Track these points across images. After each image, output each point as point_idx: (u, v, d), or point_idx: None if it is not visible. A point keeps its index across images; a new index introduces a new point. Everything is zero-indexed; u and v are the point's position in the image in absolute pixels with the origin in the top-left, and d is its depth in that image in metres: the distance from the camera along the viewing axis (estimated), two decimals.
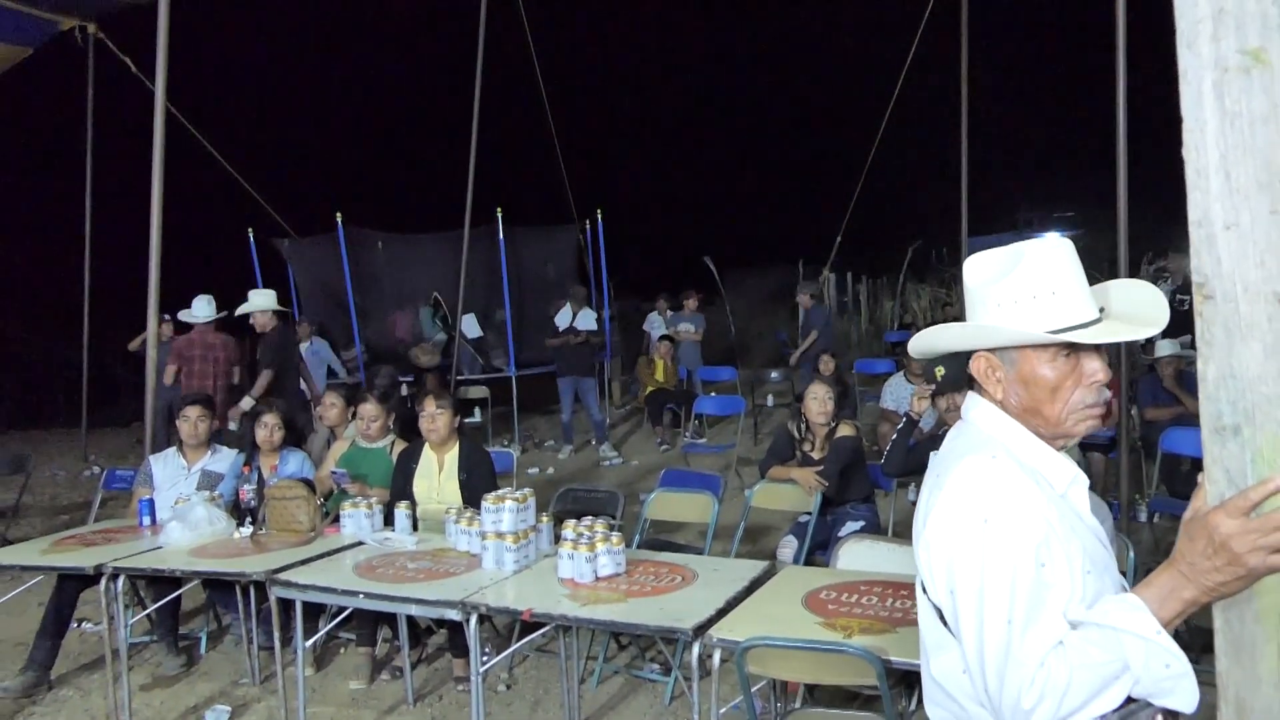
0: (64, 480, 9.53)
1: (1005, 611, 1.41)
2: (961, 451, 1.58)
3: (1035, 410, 1.56)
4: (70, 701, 4.37)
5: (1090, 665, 1.36)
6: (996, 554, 1.43)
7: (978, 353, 1.61)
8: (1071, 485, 1.57)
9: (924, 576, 1.58)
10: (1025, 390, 1.56)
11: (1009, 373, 1.57)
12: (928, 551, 1.54)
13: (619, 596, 3.18)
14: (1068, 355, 1.54)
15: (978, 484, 1.49)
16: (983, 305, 1.59)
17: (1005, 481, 1.48)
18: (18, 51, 10.02)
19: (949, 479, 1.54)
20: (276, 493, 4.35)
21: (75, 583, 4.41)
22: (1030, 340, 1.54)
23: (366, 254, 11.56)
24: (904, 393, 7.77)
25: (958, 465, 1.54)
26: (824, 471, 4.68)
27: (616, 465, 9.19)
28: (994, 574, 1.42)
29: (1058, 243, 1.58)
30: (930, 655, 1.62)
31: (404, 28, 17.31)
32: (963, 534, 1.47)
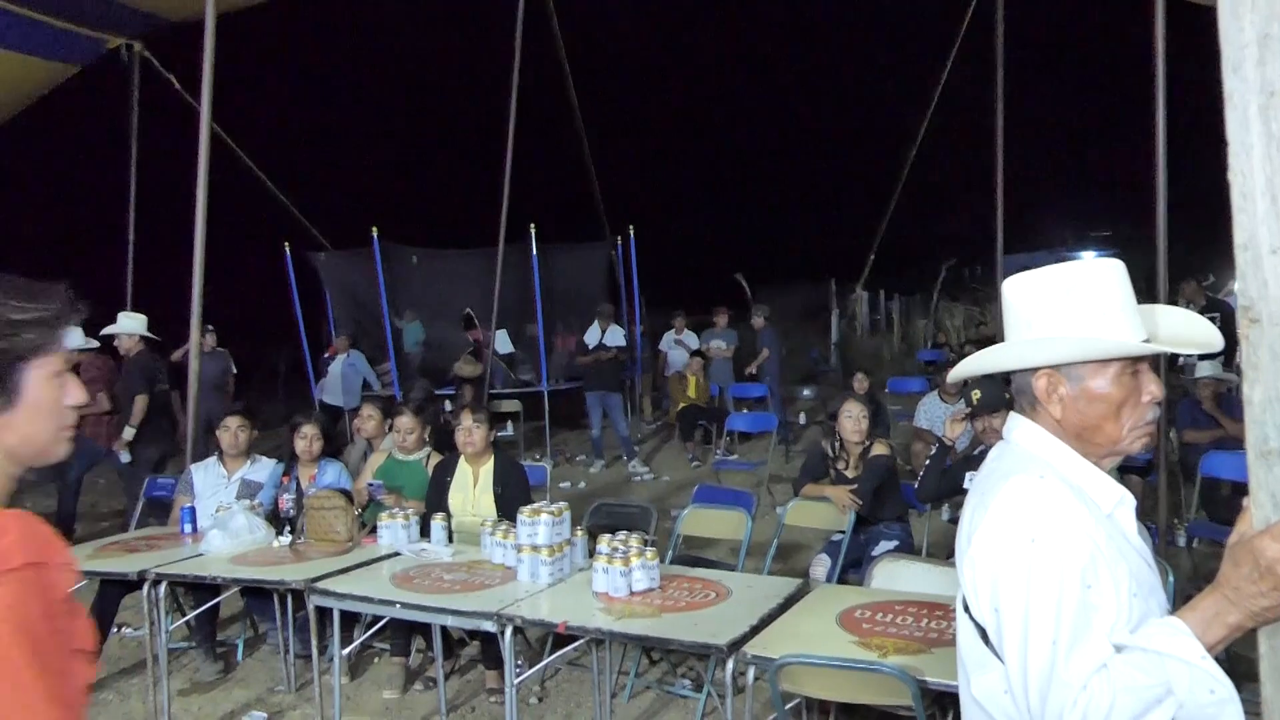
0: (104, 488, 9.68)
1: (1050, 632, 1.40)
2: (1006, 471, 1.57)
3: (1097, 428, 1.55)
4: (110, 705, 4.44)
5: (1133, 689, 1.36)
6: (1043, 574, 1.43)
7: (1040, 370, 1.58)
8: (1118, 506, 1.56)
9: (968, 594, 1.57)
10: (1089, 407, 1.55)
11: (1072, 389, 1.56)
12: (973, 569, 1.54)
13: (653, 611, 3.19)
14: (1132, 373, 1.54)
15: (1025, 503, 1.49)
16: (1040, 323, 1.57)
17: (1053, 501, 1.48)
18: (66, 69, 10.26)
19: (995, 498, 1.53)
20: (315, 503, 4.41)
21: (118, 588, 4.48)
22: (1123, 352, 1.53)
23: (401, 268, 11.69)
24: (937, 412, 7.73)
25: (1004, 485, 1.53)
26: (858, 490, 4.67)
27: (647, 481, 9.20)
28: (1040, 594, 1.42)
29: (1113, 264, 1.58)
30: (971, 675, 1.61)
31: (440, 45, 17.52)
32: (1009, 553, 1.47)
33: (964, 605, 1.60)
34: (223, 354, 10.21)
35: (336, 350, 10.73)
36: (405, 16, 18.07)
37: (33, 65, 9.77)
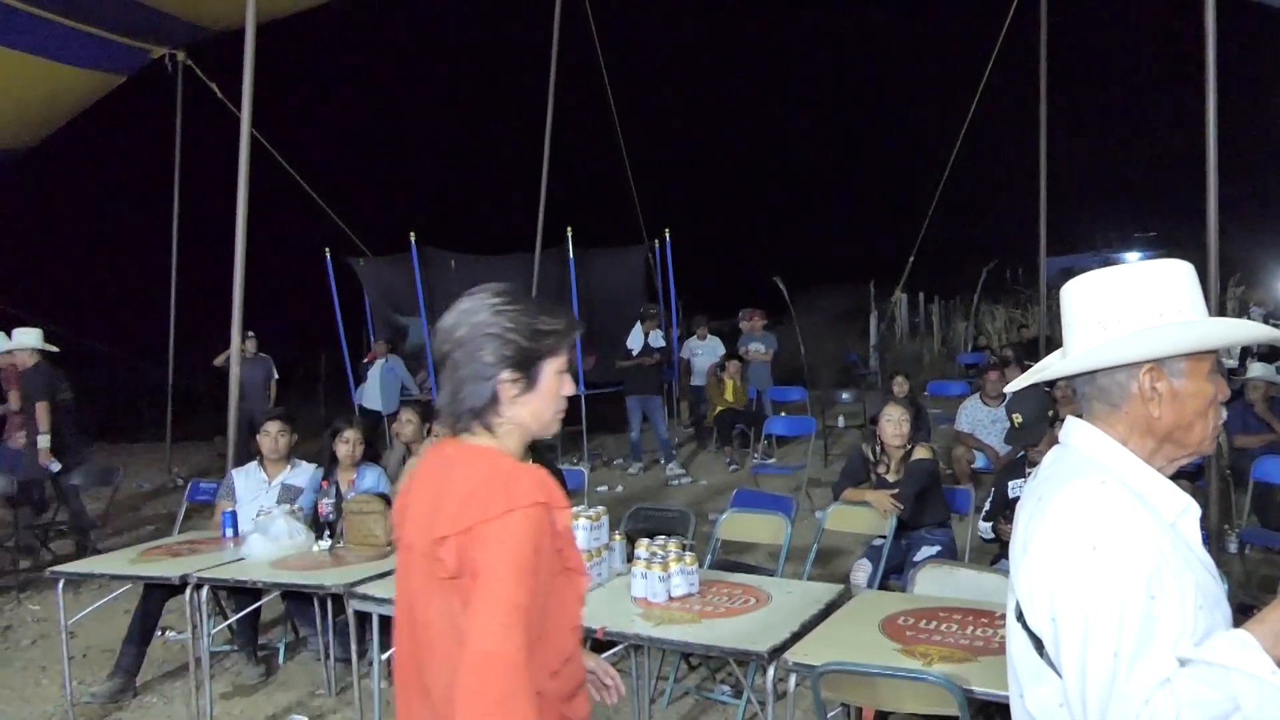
0: (149, 492, 9.83)
1: (1111, 644, 1.35)
2: (1065, 476, 1.51)
3: (1190, 426, 1.49)
4: (154, 708, 4.49)
5: (1199, 704, 1.30)
6: (1104, 583, 1.37)
7: (1143, 365, 1.49)
8: (1182, 514, 1.49)
9: (1023, 603, 1.51)
10: (1184, 406, 1.48)
11: (1173, 385, 1.49)
12: (1029, 578, 1.47)
13: (693, 617, 3.16)
14: (1215, 371, 1.51)
15: (1085, 509, 1.43)
16: (1119, 321, 1.50)
17: (1115, 508, 1.42)
18: (112, 79, 10.47)
19: (1052, 504, 1.47)
20: (354, 507, 4.42)
21: (161, 592, 4.53)
22: (1229, 340, 1.52)
23: (439, 274, 11.76)
24: (980, 415, 7.63)
25: (1063, 490, 1.48)
26: (899, 494, 4.60)
27: (685, 484, 9.16)
28: (1101, 604, 1.36)
29: (1183, 265, 1.54)
30: (1025, 687, 1.55)
31: (477, 51, 17.66)
32: (1069, 561, 1.41)
33: (1018, 615, 1.54)
34: (265, 359, 10.34)
35: (375, 355, 10.81)
36: (443, 23, 18.24)
37: (82, 76, 9.99)
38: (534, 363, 1.69)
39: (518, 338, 1.67)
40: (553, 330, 1.72)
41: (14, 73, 9.13)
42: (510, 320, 1.68)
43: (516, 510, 1.55)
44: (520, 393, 1.68)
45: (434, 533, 1.60)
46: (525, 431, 1.73)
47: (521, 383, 1.68)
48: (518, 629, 1.51)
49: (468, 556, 1.55)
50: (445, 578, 1.58)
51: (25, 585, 6.43)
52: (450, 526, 1.58)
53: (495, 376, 1.66)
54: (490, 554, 1.53)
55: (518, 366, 1.67)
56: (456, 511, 1.59)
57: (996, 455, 7.19)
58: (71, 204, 15.24)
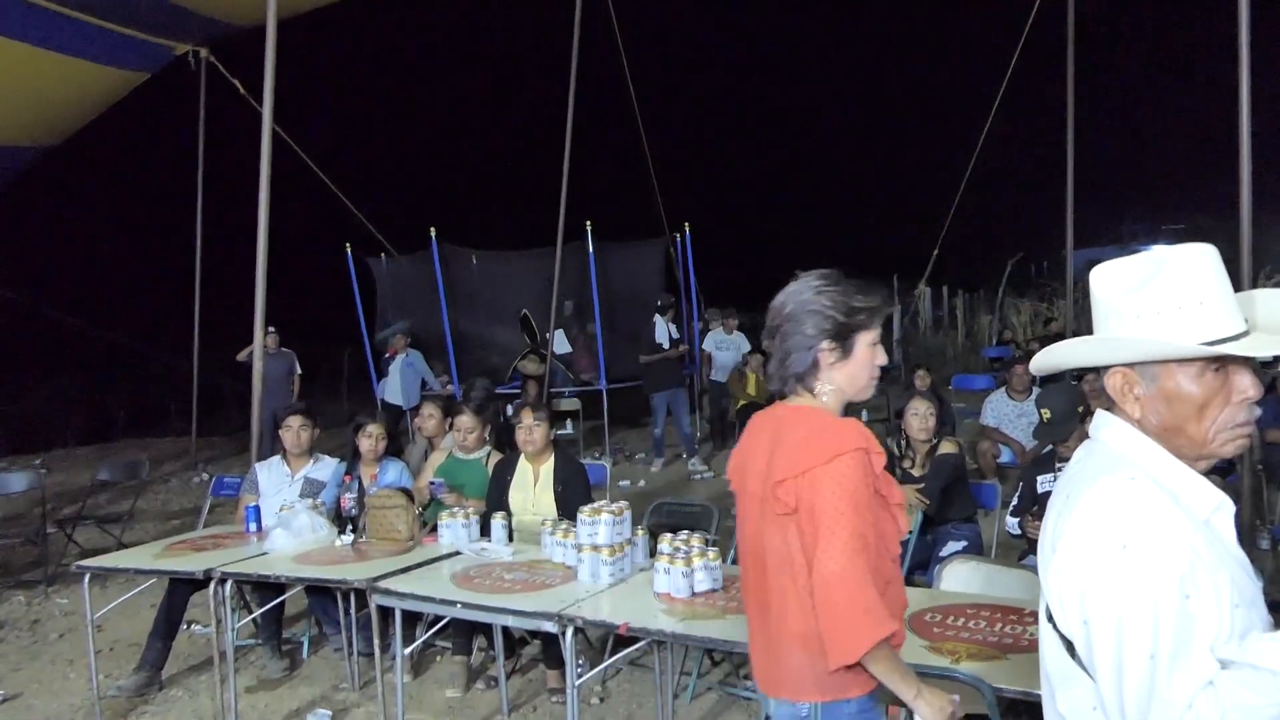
0: (175, 487, 9.91)
1: (1147, 646, 1.30)
2: (1094, 473, 1.46)
3: (1178, 429, 1.44)
4: (180, 702, 4.51)
5: (1244, 708, 1.26)
6: (1137, 583, 1.32)
7: (1113, 368, 1.48)
8: (1216, 511, 1.43)
9: (1052, 605, 1.47)
10: (1168, 408, 1.43)
11: (1149, 389, 1.45)
12: (1059, 578, 1.43)
13: (717, 613, 3.13)
14: (1216, 370, 1.42)
15: (1115, 507, 1.38)
16: (1119, 316, 1.47)
17: (1146, 505, 1.36)
18: (136, 76, 10.54)
19: (1081, 501, 1.42)
20: (376, 502, 4.42)
21: (186, 586, 4.55)
22: (1180, 354, 1.41)
23: (460, 270, 11.78)
24: (1005, 409, 7.54)
25: (1091, 488, 1.43)
26: (925, 489, 4.55)
27: (708, 479, 9.12)
28: (1134, 605, 1.31)
29: (1202, 249, 1.46)
30: (1056, 689, 1.51)
31: (499, 46, 17.65)
32: (1099, 561, 1.36)
33: (1048, 616, 1.49)
34: (288, 354, 10.38)
35: (395, 351, 10.84)
36: (464, 19, 18.22)
37: (106, 73, 10.06)
38: (849, 334, 2.03)
39: (835, 313, 2.01)
40: (866, 307, 2.05)
41: (39, 70, 9.20)
42: (829, 298, 2.02)
43: (845, 454, 1.90)
44: (837, 360, 2.03)
45: (772, 478, 1.97)
46: (841, 394, 2.07)
47: (838, 351, 2.02)
48: (858, 551, 1.86)
49: (804, 496, 1.92)
50: (783, 514, 1.96)
51: (53, 579, 6.49)
52: (788, 471, 1.94)
53: (816, 346, 2.01)
54: (826, 493, 1.89)
55: (835, 337, 2.01)
56: (793, 459, 1.94)
57: (1023, 450, 7.10)
58: (98, 201, 15.38)
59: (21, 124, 10.24)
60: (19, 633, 5.64)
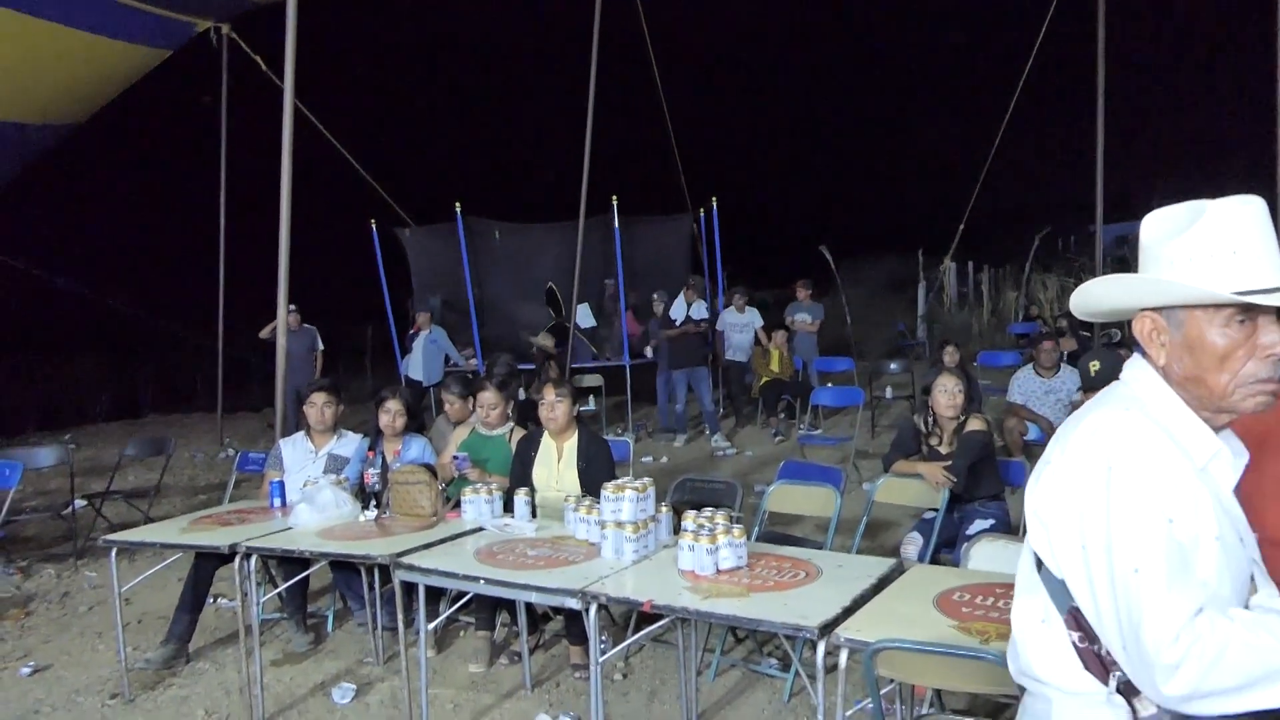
0: (201, 462, 10.00)
1: (1132, 559, 1.33)
2: (1094, 407, 1.51)
3: (1199, 379, 1.44)
4: (206, 674, 4.55)
5: (1256, 648, 1.26)
6: (1121, 501, 1.36)
7: (1143, 312, 1.49)
8: (1213, 459, 1.44)
9: (1028, 520, 1.54)
10: (1190, 356, 1.44)
11: (1174, 336, 1.46)
12: (1037, 498, 1.50)
13: (741, 591, 3.10)
14: (1243, 321, 1.41)
15: (1104, 433, 1.42)
16: (1156, 263, 1.48)
17: (1133, 431, 1.40)
18: (159, 54, 10.55)
19: (1077, 430, 1.47)
20: (400, 477, 4.42)
21: (211, 561, 4.58)
22: (1198, 299, 1.41)
23: (484, 243, 11.74)
24: (1032, 386, 7.45)
25: (1087, 419, 1.48)
26: (952, 467, 4.49)
27: (730, 456, 9.09)
28: (1119, 521, 1.35)
29: (1246, 200, 1.44)
30: (1016, 596, 1.59)
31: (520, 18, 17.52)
32: (1087, 484, 1.40)
33: (1023, 530, 1.60)
34: (309, 331, 10.42)
35: (419, 327, 10.85)
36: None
37: (129, 51, 10.08)
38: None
39: None
40: None
41: (62, 48, 9.23)
42: None
43: None
44: None
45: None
46: None
47: None
48: None
49: None
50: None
51: (82, 553, 6.56)
52: None
53: None
54: None
55: None
56: None
57: (1050, 426, 7.01)
58: (123, 179, 15.45)
59: (46, 102, 10.29)
60: (49, 605, 5.71)
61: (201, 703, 4.24)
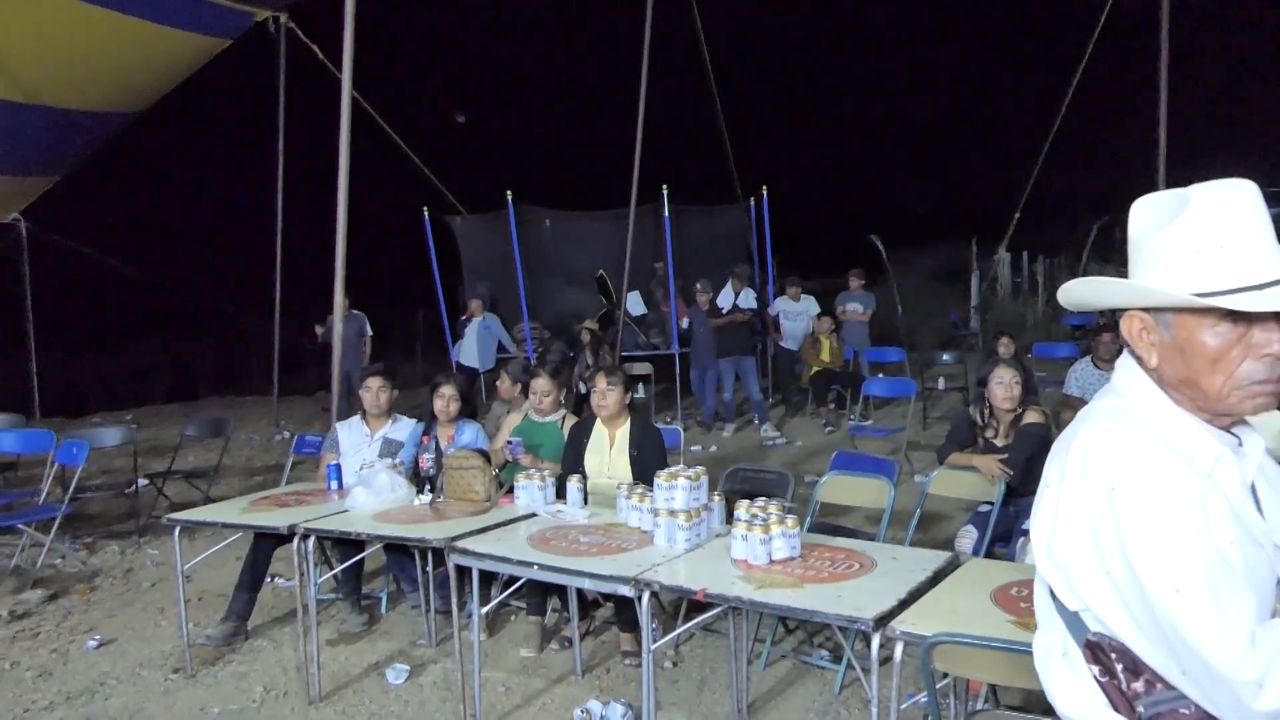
0: (257, 443, 10.19)
1: (1168, 580, 1.25)
2: (1086, 420, 1.44)
3: (1192, 382, 1.35)
4: (264, 652, 4.65)
5: None
6: (1133, 522, 1.28)
7: (1130, 312, 1.41)
8: (1217, 464, 1.35)
9: (1035, 549, 1.47)
10: (1182, 358, 1.35)
11: (1164, 336, 1.37)
12: (1039, 523, 1.46)
13: (794, 581, 3.09)
14: (1235, 321, 1.31)
15: (1098, 452, 1.35)
16: (1141, 257, 1.40)
17: (1128, 446, 1.33)
18: (218, 43, 10.72)
19: (1070, 449, 1.40)
20: (454, 462, 4.47)
21: (270, 541, 4.67)
22: (1175, 302, 1.32)
23: (534, 231, 11.79)
24: (1091, 379, 7.30)
25: (1078, 436, 1.40)
26: (1009, 460, 4.43)
27: (780, 446, 9.05)
28: (1139, 543, 1.27)
29: (1235, 186, 1.34)
30: (1038, 630, 1.53)
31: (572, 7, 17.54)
32: (1093, 510, 1.33)
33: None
34: (358, 316, 10.54)
35: (472, 313, 10.93)
36: None
37: (189, 40, 10.25)
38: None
39: None
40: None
41: (123, 37, 9.42)
42: None
43: None
44: None
45: None
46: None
47: None
48: None
49: None
50: None
51: (144, 530, 6.74)
52: None
53: None
54: None
55: None
56: None
57: None
58: (182, 167, 15.75)
59: (109, 90, 10.52)
60: (114, 580, 5.87)
61: (260, 679, 4.34)
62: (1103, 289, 1.46)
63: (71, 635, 4.97)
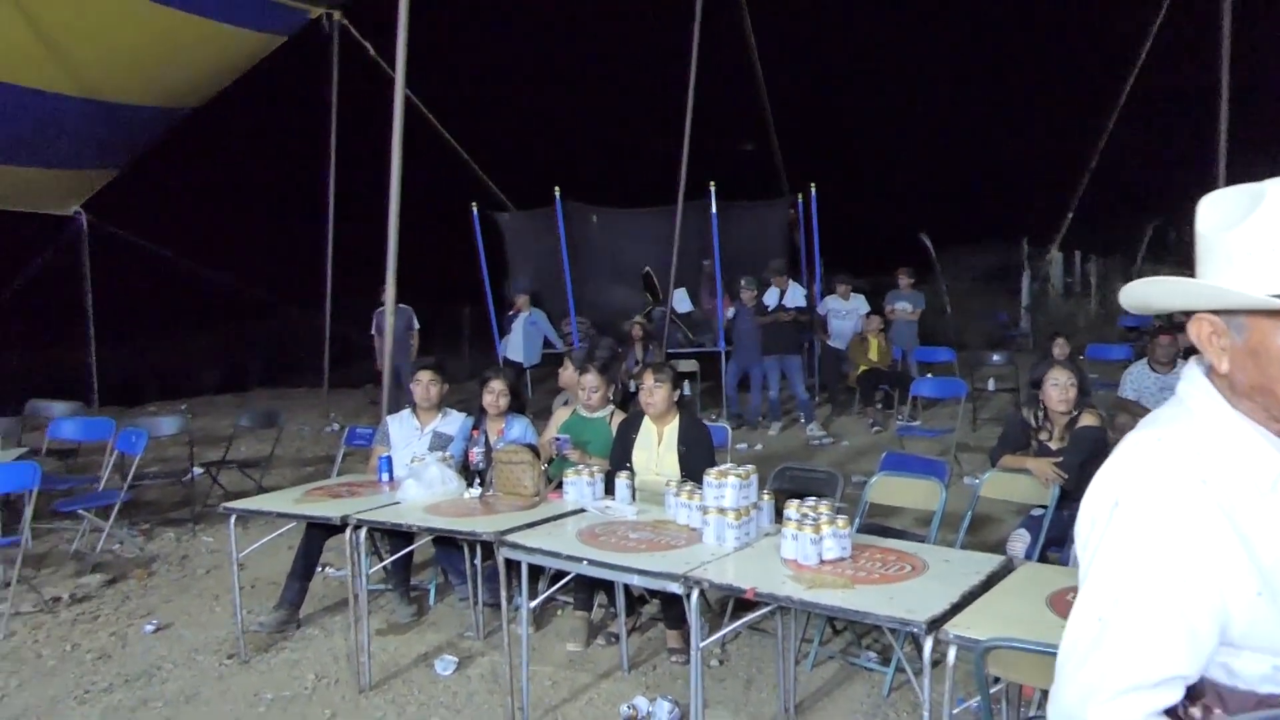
0: (308, 435, 10.34)
1: (1101, 604, 1.21)
2: (1140, 428, 1.36)
3: (1266, 389, 1.25)
4: (315, 640, 4.73)
5: None
6: (1115, 539, 1.23)
7: (1199, 315, 1.31)
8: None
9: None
10: (1254, 364, 1.25)
11: (1235, 341, 1.28)
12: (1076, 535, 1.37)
13: (845, 582, 3.07)
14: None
15: (1121, 464, 1.29)
16: (1211, 256, 1.30)
17: (1151, 464, 1.25)
18: (273, 39, 10.89)
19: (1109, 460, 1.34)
20: (503, 457, 4.50)
21: (322, 531, 4.75)
22: (1250, 304, 1.23)
23: (581, 228, 11.82)
24: (1147, 382, 7.17)
25: (1119, 446, 1.34)
26: (1063, 463, 4.36)
27: (826, 445, 9.00)
28: (1106, 560, 1.23)
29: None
30: None
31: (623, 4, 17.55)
32: (1094, 516, 1.29)
33: None
34: (405, 310, 10.65)
35: (519, 309, 10.99)
36: None
37: (245, 37, 10.43)
38: None
39: None
40: None
41: (182, 33, 9.61)
42: None
43: None
44: None
45: None
46: None
47: None
48: None
49: None
50: None
51: (199, 518, 6.87)
52: None
53: None
54: None
55: None
56: None
57: None
58: (237, 161, 15.99)
59: (168, 86, 10.74)
60: (170, 566, 6.00)
61: (312, 666, 4.41)
62: (1170, 290, 1.37)
63: (129, 619, 5.09)
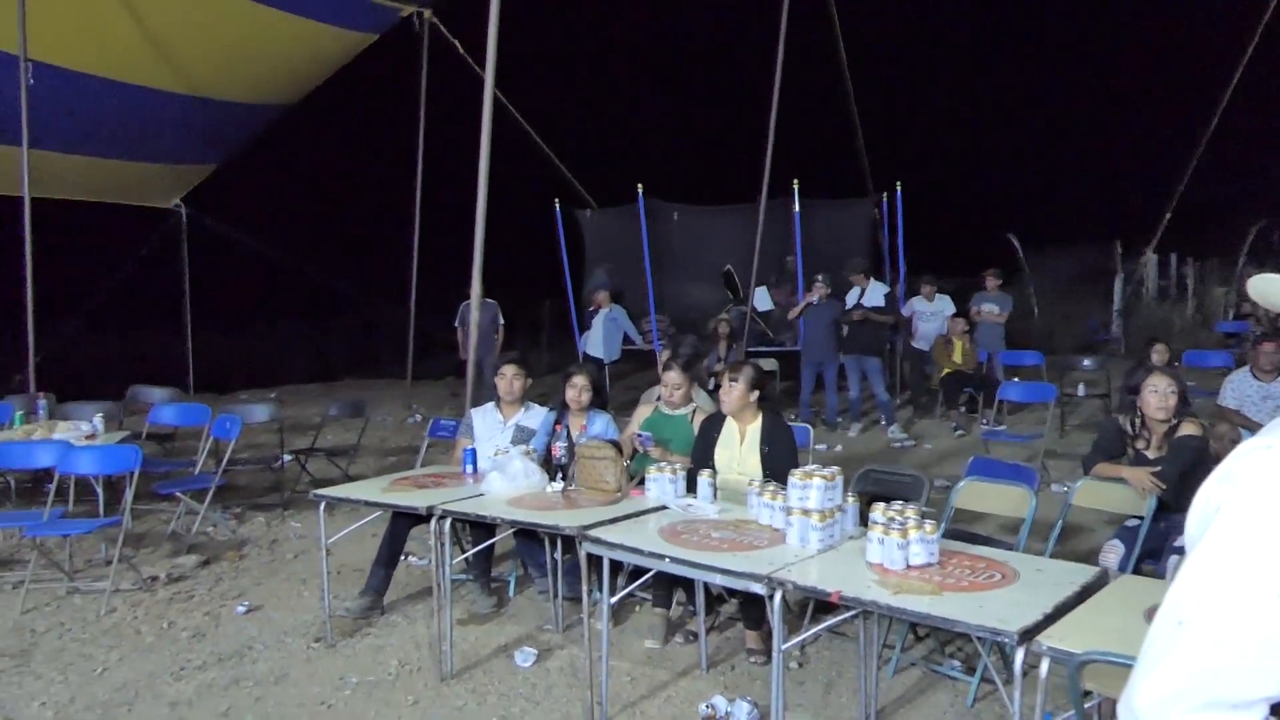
0: (391, 425, 10.56)
1: (1180, 608, 1.09)
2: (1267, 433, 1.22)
3: None
4: (399, 627, 4.82)
5: None
6: (1210, 543, 1.11)
7: None
8: None
9: None
10: None
11: None
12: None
13: (932, 588, 3.01)
14: None
15: (1230, 470, 1.16)
16: None
17: (1261, 473, 1.12)
18: (365, 38, 11.15)
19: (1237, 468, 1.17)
20: (586, 452, 4.53)
21: (407, 520, 4.84)
22: None
23: (662, 225, 11.83)
24: (1249, 391, 6.88)
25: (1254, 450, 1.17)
26: (1161, 473, 4.21)
27: (909, 448, 8.85)
28: (1197, 561, 1.11)
29: None
30: None
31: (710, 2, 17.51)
32: (1201, 524, 1.17)
33: None
34: (490, 304, 10.80)
35: (599, 305, 11.05)
36: None
37: (338, 35, 10.70)
38: None
39: None
40: None
41: (280, 32, 9.89)
42: None
43: None
44: None
45: None
46: None
47: None
48: None
49: None
50: None
51: (288, 504, 7.07)
52: None
53: None
54: None
55: None
56: None
57: None
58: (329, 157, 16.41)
59: (265, 83, 11.06)
60: (260, 550, 6.19)
61: (395, 653, 4.50)
62: None
63: (222, 600, 5.27)
